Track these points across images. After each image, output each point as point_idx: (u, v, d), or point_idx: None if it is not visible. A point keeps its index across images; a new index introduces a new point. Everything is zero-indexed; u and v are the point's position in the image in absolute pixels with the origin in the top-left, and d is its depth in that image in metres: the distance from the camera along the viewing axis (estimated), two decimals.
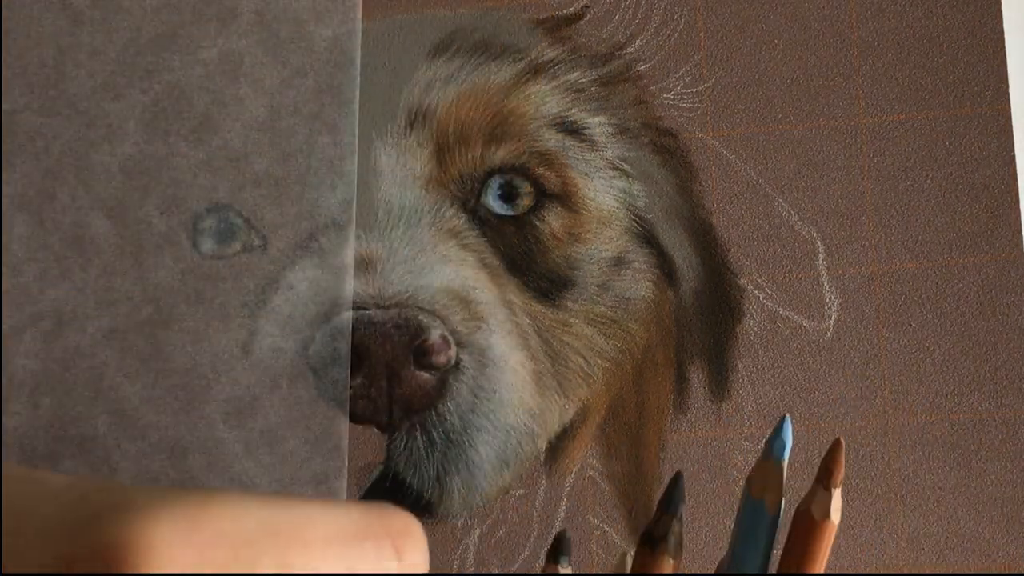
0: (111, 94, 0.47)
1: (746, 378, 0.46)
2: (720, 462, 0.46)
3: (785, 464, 0.36)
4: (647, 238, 0.47)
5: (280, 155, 0.47)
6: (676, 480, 0.37)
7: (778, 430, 0.36)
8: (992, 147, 0.46)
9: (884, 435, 0.46)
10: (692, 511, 0.46)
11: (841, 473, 0.36)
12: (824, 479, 0.36)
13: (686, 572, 0.46)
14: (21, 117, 0.47)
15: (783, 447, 0.36)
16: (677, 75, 0.47)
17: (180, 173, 0.47)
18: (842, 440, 0.36)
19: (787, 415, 0.37)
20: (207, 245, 0.46)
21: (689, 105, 0.47)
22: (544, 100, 0.47)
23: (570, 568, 0.39)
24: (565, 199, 0.47)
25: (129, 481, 0.45)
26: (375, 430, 0.46)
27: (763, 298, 0.46)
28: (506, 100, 0.47)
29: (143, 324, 0.46)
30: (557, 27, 0.47)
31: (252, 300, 0.46)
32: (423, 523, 0.46)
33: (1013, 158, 0.46)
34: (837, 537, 0.46)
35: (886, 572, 0.45)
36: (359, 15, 0.48)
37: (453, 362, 0.45)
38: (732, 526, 0.44)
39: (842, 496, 0.45)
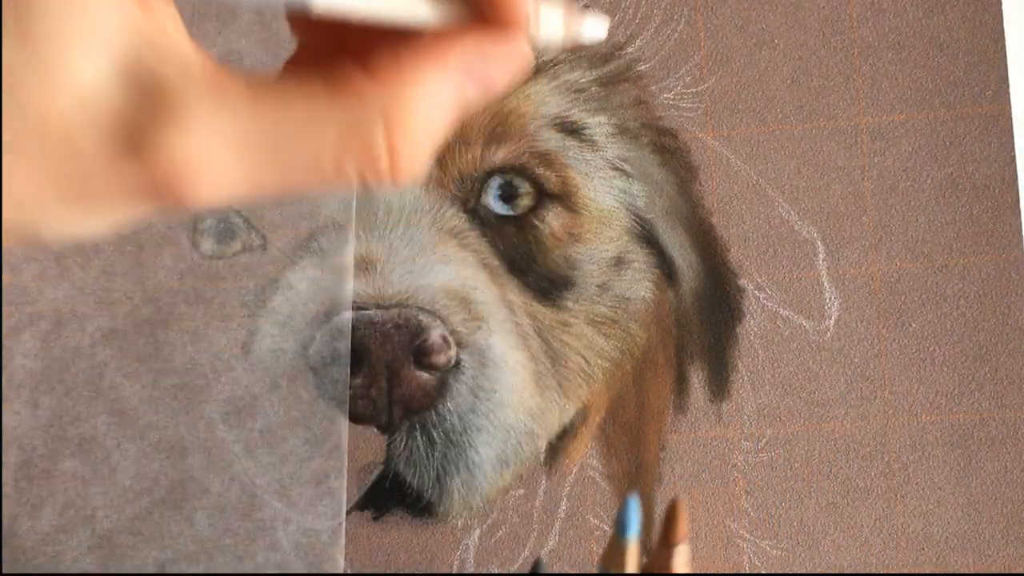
0: None
1: (746, 378, 0.46)
2: (720, 462, 0.46)
3: (631, 540, 0.37)
4: (647, 238, 0.47)
5: None
6: (536, 566, 0.38)
7: (621, 512, 0.38)
8: (992, 147, 0.46)
9: (884, 435, 0.46)
10: (691, 511, 0.46)
11: (682, 530, 0.38)
12: (665, 537, 0.38)
13: (685, 572, 0.46)
14: None
15: (625, 527, 0.37)
16: (677, 75, 0.47)
17: None
18: (681, 499, 0.38)
19: (633, 495, 0.39)
20: (207, 245, 0.46)
21: (689, 105, 0.47)
22: (544, 100, 0.47)
23: None
24: (565, 199, 0.47)
25: (129, 481, 0.46)
26: (375, 430, 0.46)
27: (763, 298, 0.46)
28: (506, 100, 0.47)
29: (143, 324, 0.46)
30: None
31: (252, 300, 0.46)
32: (423, 523, 0.46)
33: (1013, 158, 0.46)
34: (838, 537, 0.46)
35: (886, 572, 0.45)
36: None
37: (453, 362, 0.45)
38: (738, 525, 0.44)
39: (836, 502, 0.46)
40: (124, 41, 0.29)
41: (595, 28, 0.32)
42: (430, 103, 0.30)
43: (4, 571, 0.45)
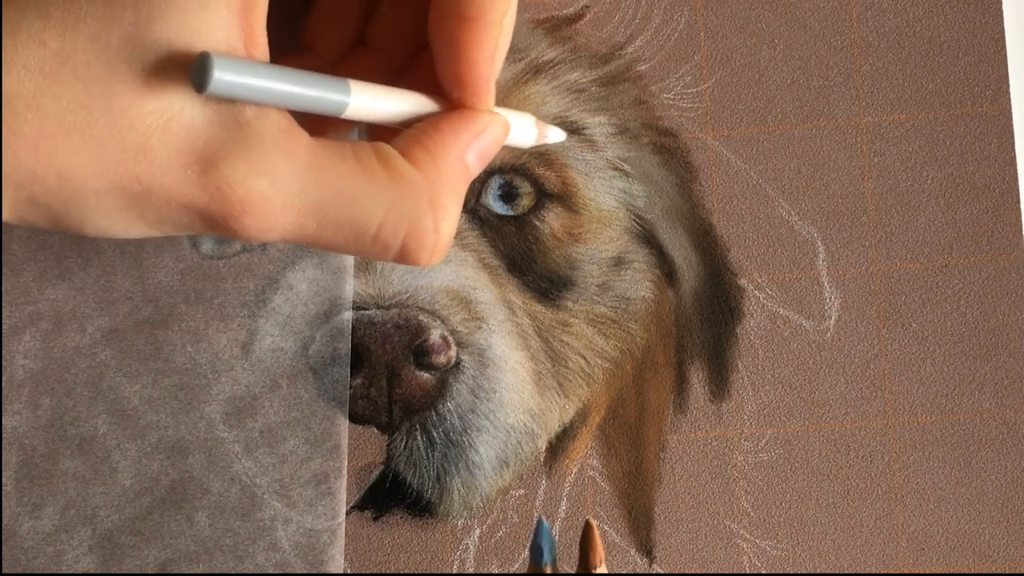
0: None
1: (746, 378, 0.46)
2: (720, 462, 0.46)
3: (547, 566, 0.38)
4: (647, 238, 0.47)
5: None
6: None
7: (533, 538, 0.38)
8: (992, 147, 0.46)
9: (884, 435, 0.46)
10: (692, 511, 0.46)
11: (597, 553, 0.38)
12: (582, 564, 0.38)
13: (685, 572, 0.46)
14: None
15: (540, 553, 0.38)
16: (677, 75, 0.47)
17: None
18: (591, 521, 0.38)
19: (541, 517, 0.38)
20: (207, 245, 0.46)
21: (689, 105, 0.47)
22: (544, 100, 0.47)
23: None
24: (565, 199, 0.47)
25: (129, 481, 0.46)
26: (375, 430, 0.46)
27: (763, 298, 0.46)
28: (506, 100, 0.47)
29: (143, 324, 0.46)
30: (557, 27, 0.47)
31: (252, 300, 0.46)
32: (423, 523, 0.46)
33: (1013, 158, 0.46)
34: (838, 537, 0.46)
35: (886, 572, 0.45)
36: None
37: (453, 362, 0.45)
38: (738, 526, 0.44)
39: (853, 494, 0.46)
40: None
41: (556, 135, 0.41)
42: (459, 190, 0.35)
43: (4, 571, 0.45)
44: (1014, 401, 0.46)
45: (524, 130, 0.40)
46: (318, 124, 0.36)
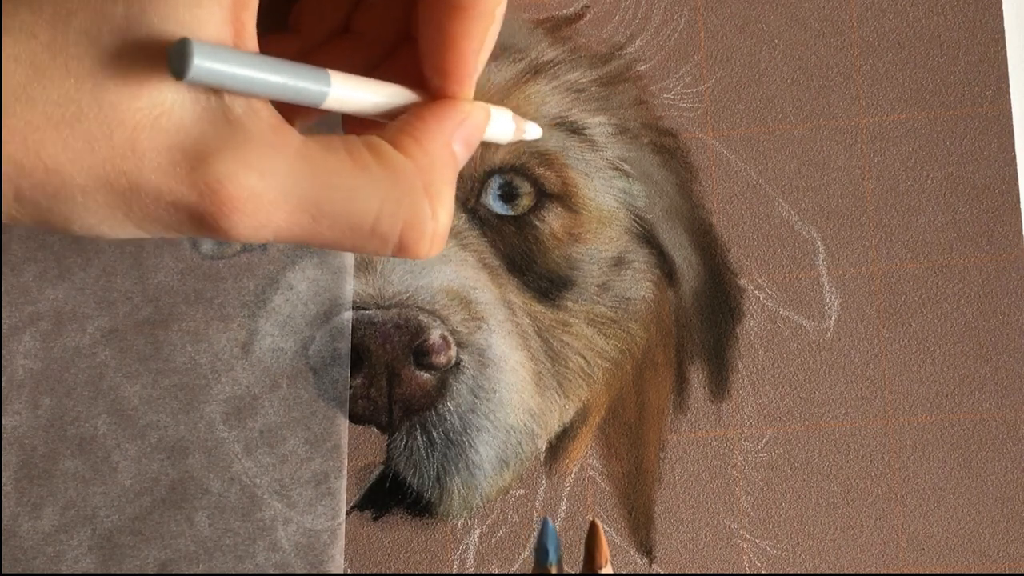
0: None
1: (746, 378, 0.46)
2: (720, 462, 0.46)
3: (553, 567, 0.37)
4: (647, 238, 0.47)
5: None
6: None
7: (539, 539, 0.38)
8: (992, 147, 0.46)
9: (884, 435, 0.46)
10: (692, 511, 0.46)
11: (603, 553, 0.38)
12: (588, 564, 0.38)
13: (685, 572, 0.46)
14: None
15: (545, 554, 0.38)
16: (677, 75, 0.47)
17: None
18: (597, 522, 0.38)
19: (547, 518, 0.38)
20: (207, 245, 0.46)
21: (689, 105, 0.47)
22: (544, 100, 0.47)
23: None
24: (565, 199, 0.47)
25: (129, 481, 0.46)
26: (375, 430, 0.46)
27: (763, 298, 0.46)
28: (506, 100, 0.47)
29: (143, 324, 0.46)
30: (557, 27, 0.47)
31: (252, 300, 0.46)
32: (423, 523, 0.46)
33: (1013, 158, 0.46)
34: (838, 537, 0.46)
35: (886, 572, 0.45)
36: None
37: (453, 362, 0.45)
38: (734, 526, 0.44)
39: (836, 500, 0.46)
40: None
41: (534, 131, 0.40)
42: (451, 178, 0.35)
43: (4, 571, 0.45)
44: (1014, 401, 0.46)
45: (503, 124, 0.40)
46: (286, 114, 0.36)
